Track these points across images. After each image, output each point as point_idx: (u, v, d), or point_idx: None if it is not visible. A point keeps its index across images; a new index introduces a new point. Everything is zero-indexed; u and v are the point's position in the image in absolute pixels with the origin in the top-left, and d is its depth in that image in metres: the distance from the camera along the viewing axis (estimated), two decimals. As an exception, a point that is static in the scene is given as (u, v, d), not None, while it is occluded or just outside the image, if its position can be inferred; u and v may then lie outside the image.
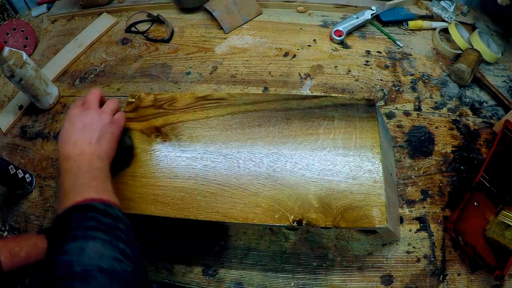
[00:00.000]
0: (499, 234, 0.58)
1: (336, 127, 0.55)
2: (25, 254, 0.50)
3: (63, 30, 1.00)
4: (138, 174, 0.55)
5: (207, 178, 0.53)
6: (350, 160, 0.52)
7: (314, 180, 0.51)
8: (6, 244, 0.49)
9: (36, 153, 0.78)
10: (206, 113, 0.59)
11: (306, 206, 0.49)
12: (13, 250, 0.49)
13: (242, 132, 0.57)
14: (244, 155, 0.54)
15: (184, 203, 0.52)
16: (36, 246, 0.51)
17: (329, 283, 0.59)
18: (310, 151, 0.54)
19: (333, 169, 0.52)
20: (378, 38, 0.88)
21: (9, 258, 0.48)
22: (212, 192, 0.52)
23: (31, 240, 0.52)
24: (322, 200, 0.50)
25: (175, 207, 0.52)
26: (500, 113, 0.76)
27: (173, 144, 0.57)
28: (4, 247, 0.49)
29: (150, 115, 0.61)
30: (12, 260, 0.48)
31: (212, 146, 0.56)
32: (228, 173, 0.53)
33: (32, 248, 0.51)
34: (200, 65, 0.86)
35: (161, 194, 0.53)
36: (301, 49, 0.87)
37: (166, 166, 0.55)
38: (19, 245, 0.50)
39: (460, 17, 0.92)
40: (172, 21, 0.94)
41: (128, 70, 0.88)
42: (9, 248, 0.49)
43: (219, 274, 0.61)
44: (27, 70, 0.73)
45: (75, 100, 0.75)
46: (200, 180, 0.53)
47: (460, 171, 0.69)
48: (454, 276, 0.59)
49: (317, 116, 0.57)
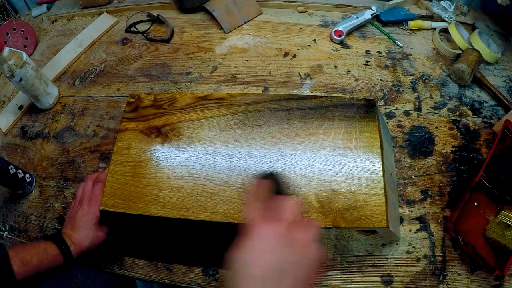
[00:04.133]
0: (499, 234, 0.58)
1: (336, 127, 0.55)
2: (36, 262, 0.50)
3: (63, 30, 1.00)
4: (138, 174, 0.55)
5: (207, 178, 0.53)
6: (350, 161, 0.52)
7: (314, 180, 0.51)
8: (18, 253, 0.50)
9: (36, 153, 0.78)
10: (206, 113, 0.59)
11: (306, 207, 0.49)
12: (24, 258, 0.50)
13: (242, 133, 0.57)
14: (244, 156, 0.55)
15: (184, 203, 0.52)
16: (46, 253, 0.52)
17: (329, 283, 0.59)
18: (310, 152, 0.54)
19: (333, 169, 0.52)
20: (378, 38, 0.88)
21: (22, 266, 0.49)
22: (212, 192, 0.52)
23: (41, 247, 0.53)
24: (322, 200, 0.50)
25: (175, 207, 0.52)
26: (500, 113, 0.76)
27: (173, 145, 0.57)
28: (16, 256, 0.49)
29: (150, 115, 0.61)
30: (25, 269, 0.49)
31: (212, 146, 0.56)
32: (228, 173, 0.53)
33: (43, 255, 0.52)
34: (200, 65, 0.86)
35: (161, 195, 0.53)
36: (301, 49, 0.87)
37: (166, 167, 0.55)
38: (30, 252, 0.51)
39: (460, 17, 0.92)
40: (172, 21, 0.94)
41: (128, 70, 0.88)
42: (21, 257, 0.50)
43: (219, 274, 0.61)
44: (27, 70, 0.73)
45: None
46: (200, 180, 0.53)
47: (460, 171, 0.69)
48: (454, 276, 0.59)
49: (317, 116, 0.57)
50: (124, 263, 0.64)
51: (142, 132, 0.59)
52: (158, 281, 0.62)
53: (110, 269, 0.64)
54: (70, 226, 0.57)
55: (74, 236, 0.55)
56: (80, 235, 0.56)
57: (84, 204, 0.58)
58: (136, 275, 0.63)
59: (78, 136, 0.79)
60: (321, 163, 0.52)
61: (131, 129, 0.60)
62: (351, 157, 0.52)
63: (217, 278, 0.61)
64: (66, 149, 0.77)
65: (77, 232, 0.56)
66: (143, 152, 0.57)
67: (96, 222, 0.57)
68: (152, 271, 0.63)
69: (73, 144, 0.78)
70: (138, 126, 0.60)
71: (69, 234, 0.56)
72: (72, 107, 0.83)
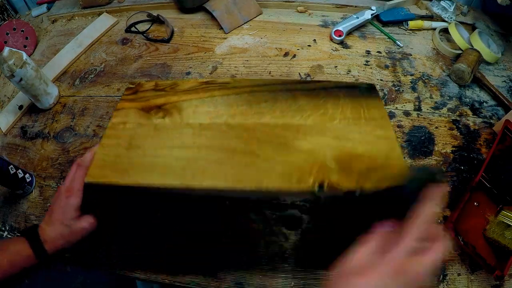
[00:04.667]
0: (499, 234, 0.58)
1: (343, 103, 0.55)
2: (7, 264, 0.48)
3: (63, 30, 1.00)
4: (133, 145, 0.49)
5: (212, 146, 0.48)
6: (362, 129, 0.52)
7: (330, 146, 0.48)
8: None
9: (36, 153, 0.78)
10: (211, 93, 0.56)
11: (325, 170, 0.45)
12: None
13: (248, 108, 0.54)
14: (252, 126, 0.51)
15: (185, 172, 0.46)
16: (19, 254, 0.49)
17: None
18: (321, 121, 0.53)
19: (348, 136, 0.50)
20: (378, 38, 0.88)
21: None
22: (219, 158, 0.46)
23: (12, 248, 0.49)
24: (342, 163, 0.46)
25: (175, 175, 0.45)
26: (500, 113, 0.76)
27: (174, 117, 0.53)
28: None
29: (151, 96, 0.57)
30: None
31: (218, 118, 0.52)
32: (235, 142, 0.48)
33: (14, 256, 0.49)
34: (200, 65, 0.86)
35: (160, 163, 0.47)
36: (301, 49, 0.87)
37: (166, 137, 0.50)
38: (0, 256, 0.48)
39: (460, 17, 0.92)
40: (172, 21, 0.94)
41: (128, 70, 0.88)
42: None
43: (219, 274, 0.61)
44: (27, 70, 0.73)
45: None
46: (204, 149, 0.48)
47: (460, 171, 0.69)
48: (454, 276, 0.59)
49: (322, 95, 0.57)
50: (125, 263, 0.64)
51: (142, 110, 0.54)
52: (158, 281, 0.62)
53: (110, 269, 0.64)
54: (46, 219, 0.52)
55: (47, 233, 0.50)
56: (54, 232, 0.50)
57: (62, 194, 0.51)
58: (136, 275, 0.63)
59: (78, 136, 0.79)
60: (334, 131, 0.51)
61: (128, 108, 0.55)
62: (363, 126, 0.52)
63: (217, 278, 0.61)
64: (66, 149, 0.77)
65: (51, 228, 0.50)
66: (141, 126, 0.52)
67: (75, 216, 0.50)
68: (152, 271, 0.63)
69: (73, 144, 0.78)
70: (137, 105, 0.55)
71: (43, 229, 0.51)
72: (72, 107, 0.83)
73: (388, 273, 0.33)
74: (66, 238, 0.50)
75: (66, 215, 0.50)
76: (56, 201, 0.51)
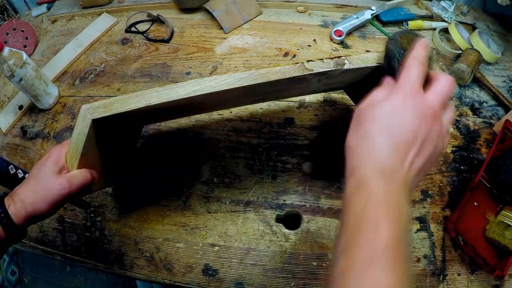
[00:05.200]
0: (499, 234, 0.58)
1: None
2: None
3: (63, 30, 1.00)
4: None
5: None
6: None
7: None
8: None
9: (36, 153, 0.78)
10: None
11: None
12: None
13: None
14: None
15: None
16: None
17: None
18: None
19: None
20: (378, 38, 0.88)
21: None
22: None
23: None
24: None
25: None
26: (500, 113, 0.76)
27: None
28: None
29: None
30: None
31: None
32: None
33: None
34: (200, 65, 0.86)
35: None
36: (301, 49, 0.87)
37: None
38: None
39: (460, 17, 0.92)
40: (172, 21, 0.94)
41: (128, 70, 0.88)
42: None
43: (219, 274, 0.61)
44: (27, 70, 0.73)
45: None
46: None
47: (460, 171, 0.69)
48: (454, 276, 0.59)
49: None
50: (124, 263, 0.64)
51: None
52: (158, 281, 0.62)
53: (110, 269, 0.64)
54: (20, 185, 0.44)
55: (16, 193, 0.41)
56: (25, 189, 0.41)
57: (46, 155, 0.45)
58: (136, 275, 0.63)
59: (78, 136, 0.79)
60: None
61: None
62: None
63: (217, 278, 0.61)
64: (66, 149, 0.77)
65: (23, 186, 0.41)
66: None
67: (55, 170, 0.43)
68: (152, 271, 0.63)
69: (73, 144, 0.78)
70: None
71: (14, 191, 0.42)
72: (72, 107, 0.83)
73: (402, 98, 0.35)
74: (39, 196, 0.42)
75: (42, 169, 0.43)
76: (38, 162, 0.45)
